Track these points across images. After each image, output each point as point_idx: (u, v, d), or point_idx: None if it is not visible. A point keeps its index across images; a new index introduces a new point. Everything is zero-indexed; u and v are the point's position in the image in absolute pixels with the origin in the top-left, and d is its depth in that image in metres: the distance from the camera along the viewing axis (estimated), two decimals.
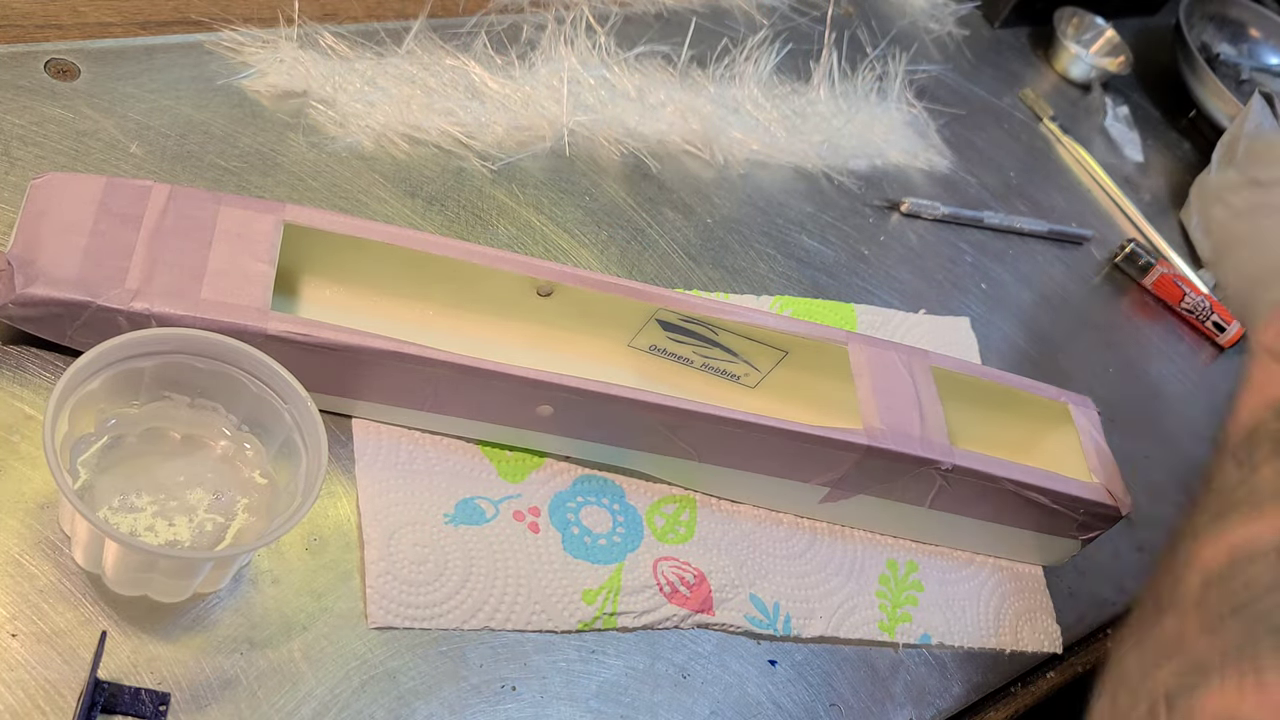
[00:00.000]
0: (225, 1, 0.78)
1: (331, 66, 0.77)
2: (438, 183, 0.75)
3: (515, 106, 0.82)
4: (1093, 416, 0.75)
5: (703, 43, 0.94)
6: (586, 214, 0.79)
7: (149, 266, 0.57)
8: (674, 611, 0.63)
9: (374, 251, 0.63)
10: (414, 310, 0.67)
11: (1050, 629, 0.73)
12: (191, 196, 0.60)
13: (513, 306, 0.67)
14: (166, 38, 0.74)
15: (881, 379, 0.69)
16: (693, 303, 0.68)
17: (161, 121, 0.69)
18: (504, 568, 0.61)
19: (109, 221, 0.58)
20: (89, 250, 0.56)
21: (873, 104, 0.99)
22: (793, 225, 0.88)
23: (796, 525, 0.69)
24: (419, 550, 0.59)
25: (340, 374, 0.59)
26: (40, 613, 0.50)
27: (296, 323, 0.57)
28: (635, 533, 0.65)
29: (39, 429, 0.55)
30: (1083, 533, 0.72)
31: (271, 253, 0.59)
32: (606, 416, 0.63)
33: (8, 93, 0.66)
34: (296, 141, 0.73)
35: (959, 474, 0.67)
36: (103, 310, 0.55)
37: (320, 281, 0.65)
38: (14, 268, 0.55)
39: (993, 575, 0.73)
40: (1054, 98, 1.16)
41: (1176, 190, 1.15)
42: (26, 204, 0.57)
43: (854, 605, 0.68)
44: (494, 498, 0.63)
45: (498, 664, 0.58)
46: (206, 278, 0.57)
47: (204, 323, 0.56)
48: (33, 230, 0.56)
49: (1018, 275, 0.96)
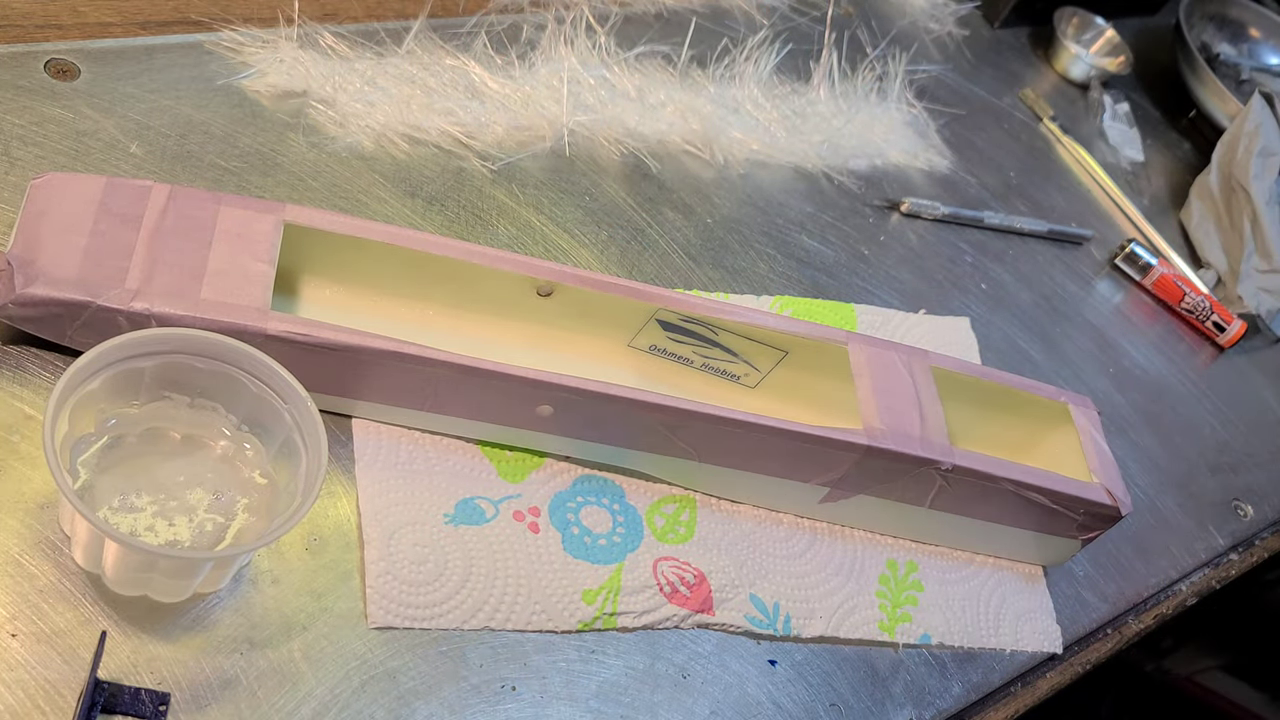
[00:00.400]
0: (225, 1, 0.78)
1: (331, 66, 0.77)
2: (438, 183, 0.75)
3: (515, 106, 0.82)
4: (1093, 416, 0.75)
5: (703, 43, 0.94)
6: (587, 214, 0.79)
7: (149, 266, 0.57)
8: (674, 611, 0.63)
9: (374, 251, 0.63)
10: (414, 310, 0.67)
11: (1050, 629, 0.73)
12: (191, 196, 0.60)
13: (513, 306, 0.67)
14: (166, 38, 0.74)
15: (881, 379, 0.69)
16: (693, 303, 0.68)
17: (161, 121, 0.69)
18: (504, 568, 0.61)
19: (109, 221, 0.58)
20: (89, 250, 0.56)
21: (873, 104, 0.99)
22: (793, 225, 0.88)
23: (796, 525, 0.69)
24: (419, 550, 0.59)
25: (340, 374, 0.59)
26: (40, 613, 0.50)
27: (296, 323, 0.57)
28: (635, 533, 0.65)
29: (39, 429, 0.55)
30: (1083, 533, 0.72)
31: (271, 253, 0.59)
32: (606, 416, 0.63)
33: (8, 93, 0.66)
34: (296, 141, 0.73)
35: (959, 474, 0.67)
36: (103, 310, 0.55)
37: (320, 281, 0.65)
38: (14, 268, 0.55)
39: (993, 575, 0.73)
40: (1054, 98, 1.16)
41: (1176, 190, 1.15)
42: (26, 204, 0.57)
43: (854, 605, 0.68)
44: (494, 498, 0.63)
45: (498, 664, 0.58)
46: (206, 278, 0.57)
47: (204, 323, 0.56)
48: (33, 230, 0.56)
49: (1018, 275, 0.96)
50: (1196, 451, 0.91)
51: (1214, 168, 1.09)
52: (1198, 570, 0.84)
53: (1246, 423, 0.97)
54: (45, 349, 0.58)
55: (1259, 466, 0.94)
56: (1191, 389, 0.97)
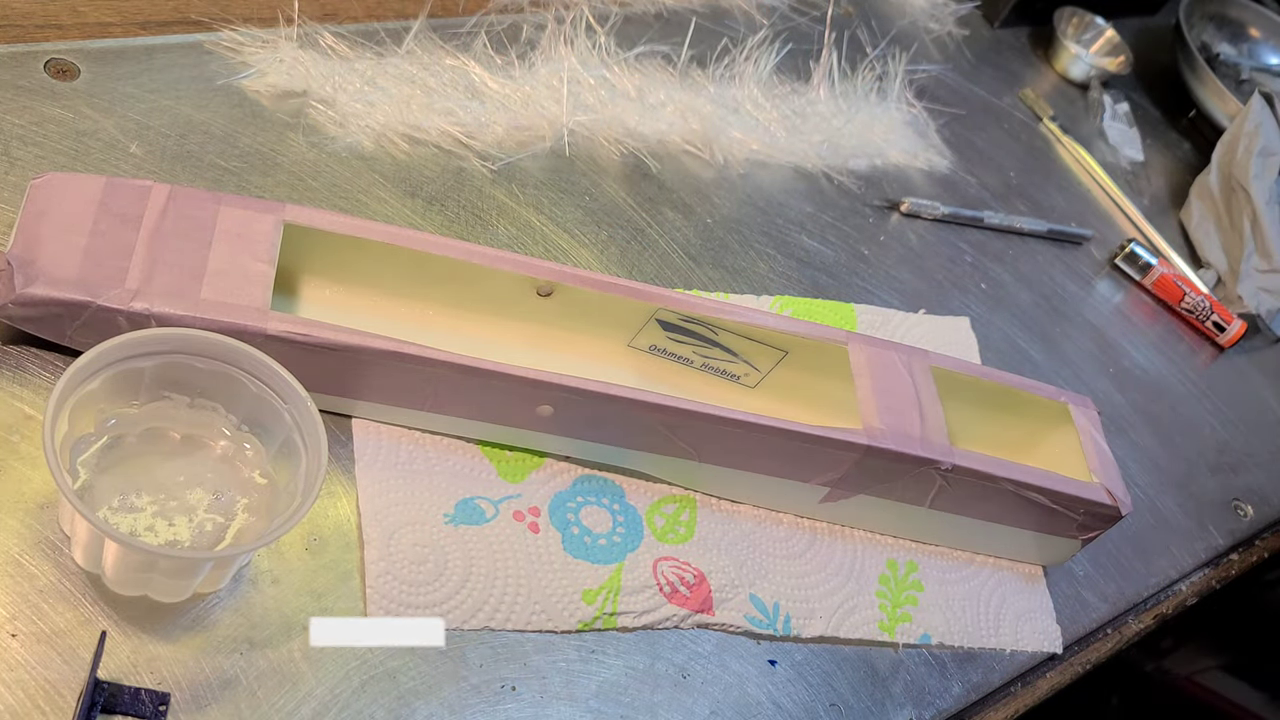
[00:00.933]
0: (225, 1, 0.78)
1: (331, 66, 0.77)
2: (438, 183, 0.75)
3: (515, 106, 0.82)
4: (1093, 416, 0.75)
5: (702, 43, 0.94)
6: (586, 214, 0.79)
7: (149, 266, 0.57)
8: (674, 611, 0.63)
9: (374, 251, 0.63)
10: (414, 310, 0.67)
11: (1050, 629, 0.73)
12: (191, 196, 0.60)
13: (513, 306, 0.67)
14: (166, 38, 0.74)
15: (881, 379, 0.69)
16: (692, 303, 0.68)
17: (161, 121, 0.69)
18: (504, 568, 0.61)
19: (109, 221, 0.58)
20: (89, 250, 0.56)
21: (872, 104, 0.99)
22: (793, 225, 0.88)
23: (796, 525, 0.69)
24: (419, 550, 0.59)
25: (340, 374, 0.59)
26: (40, 613, 0.50)
27: (296, 323, 0.57)
28: (635, 533, 0.65)
29: (39, 429, 0.55)
30: (1083, 533, 0.72)
31: (271, 252, 0.59)
32: (606, 416, 0.63)
33: (8, 93, 0.66)
34: (296, 141, 0.73)
35: (958, 474, 0.67)
36: (103, 310, 0.55)
37: (320, 281, 0.65)
38: (14, 268, 0.55)
39: (993, 575, 0.73)
40: (1054, 98, 1.16)
41: (1176, 190, 1.15)
42: (26, 204, 0.57)
43: (854, 605, 0.68)
44: (494, 498, 0.63)
45: (498, 664, 0.58)
46: (206, 278, 0.57)
47: (204, 323, 0.56)
48: (33, 230, 0.56)
49: (1018, 275, 0.96)
50: (1196, 451, 0.91)
51: (1214, 167, 1.09)
52: (1198, 570, 0.84)
53: (1246, 423, 0.97)
54: (45, 349, 0.58)
55: (1259, 466, 0.94)
56: (1191, 389, 0.97)
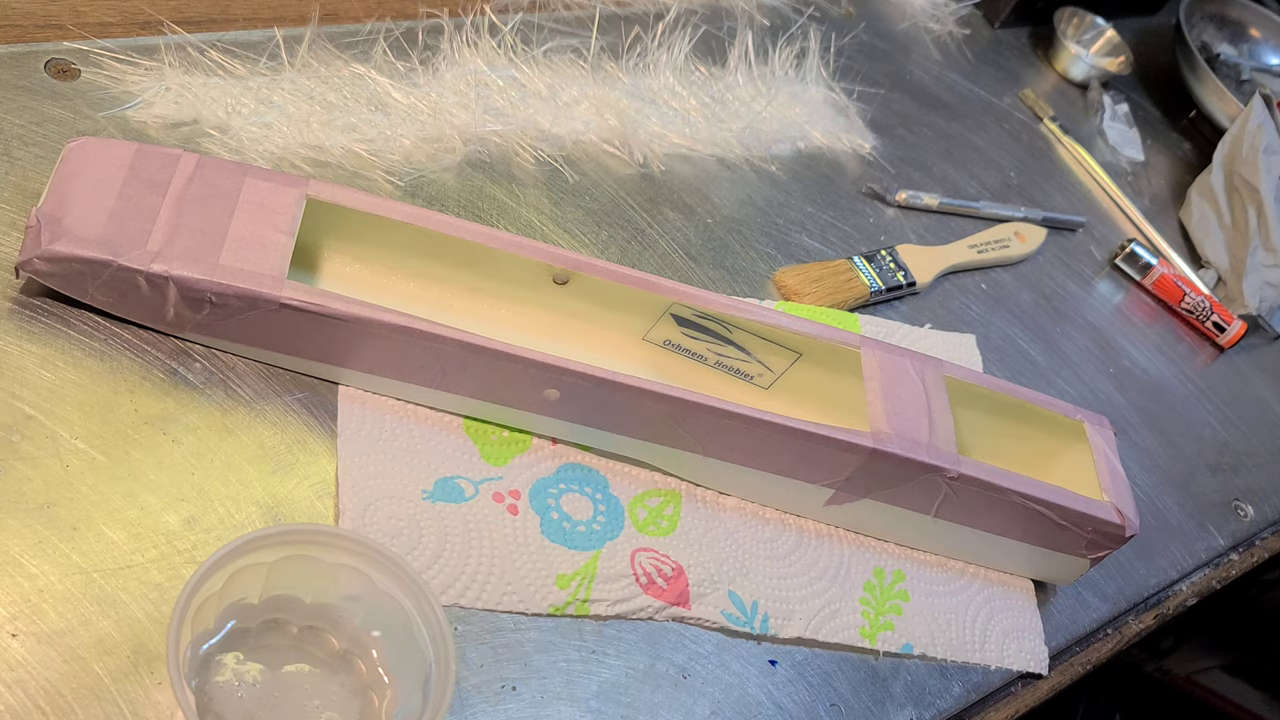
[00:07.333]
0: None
1: (223, 87, 0.72)
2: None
3: (423, 117, 0.77)
4: (1108, 436, 0.74)
5: (613, 31, 0.90)
6: (587, 214, 0.79)
7: (171, 231, 0.58)
8: (649, 602, 0.63)
9: (395, 232, 0.65)
10: (431, 292, 0.68)
11: (1037, 649, 0.72)
12: (219, 167, 0.62)
13: (529, 293, 0.68)
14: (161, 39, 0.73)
15: (892, 384, 0.68)
16: (708, 298, 0.68)
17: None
18: (478, 546, 0.60)
19: (137, 186, 0.59)
20: (114, 212, 0.58)
21: (792, 82, 0.96)
22: (793, 225, 0.88)
23: (783, 526, 0.69)
24: (394, 523, 0.59)
25: (350, 346, 0.60)
26: (40, 613, 0.50)
27: (310, 293, 0.58)
28: (616, 522, 0.65)
29: (39, 429, 0.55)
30: (1092, 551, 0.71)
31: (292, 224, 0.61)
32: (612, 404, 0.63)
33: (8, 93, 0.66)
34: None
35: (965, 483, 0.67)
36: (122, 269, 0.57)
37: (343, 259, 0.67)
38: (42, 224, 0.57)
39: (982, 590, 0.72)
40: (1054, 98, 1.16)
41: (1176, 190, 1.15)
42: (60, 165, 0.60)
43: (836, 610, 0.67)
44: (475, 478, 0.63)
45: (498, 664, 0.58)
46: (226, 245, 0.59)
47: (219, 287, 0.57)
48: (63, 190, 0.58)
49: (1018, 275, 0.96)
50: (1196, 451, 0.91)
51: (1217, 166, 1.08)
52: (1198, 570, 0.84)
53: (1246, 423, 0.97)
54: (45, 349, 0.58)
55: (1259, 466, 0.94)
56: (1191, 389, 0.97)
